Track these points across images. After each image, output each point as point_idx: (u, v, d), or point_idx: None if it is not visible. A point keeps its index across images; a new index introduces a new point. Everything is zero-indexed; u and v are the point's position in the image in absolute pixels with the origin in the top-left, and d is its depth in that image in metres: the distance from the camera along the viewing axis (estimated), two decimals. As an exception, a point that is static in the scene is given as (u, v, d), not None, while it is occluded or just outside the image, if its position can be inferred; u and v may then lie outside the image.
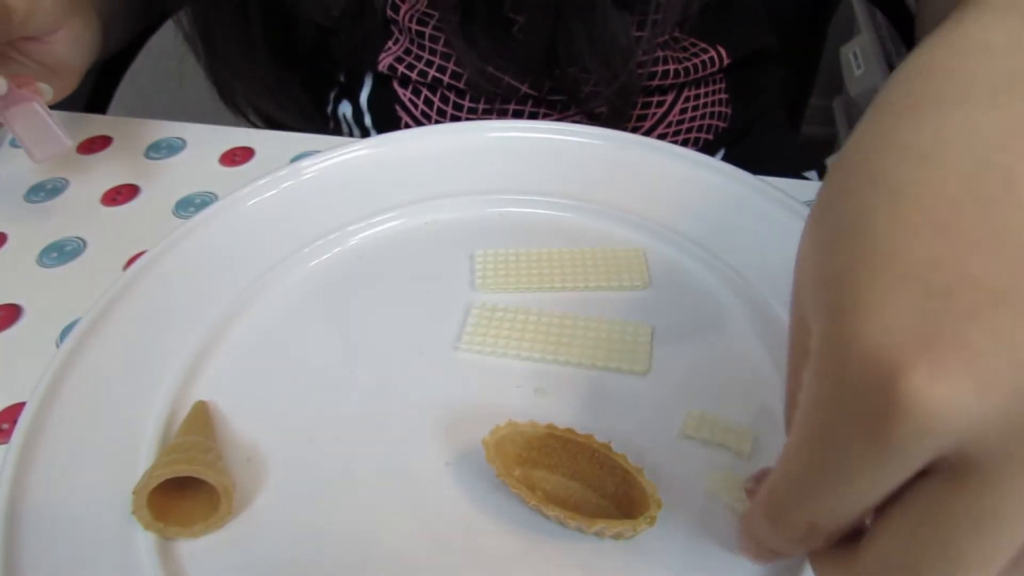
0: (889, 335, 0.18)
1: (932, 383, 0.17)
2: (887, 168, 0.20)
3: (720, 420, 0.33)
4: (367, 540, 0.30)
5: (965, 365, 0.17)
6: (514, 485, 0.29)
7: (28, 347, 0.39)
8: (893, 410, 0.18)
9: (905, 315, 0.18)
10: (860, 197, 0.20)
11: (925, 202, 0.19)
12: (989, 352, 0.17)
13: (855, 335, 0.18)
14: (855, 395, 0.18)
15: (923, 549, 0.19)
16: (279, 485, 0.32)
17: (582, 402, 0.34)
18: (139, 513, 0.29)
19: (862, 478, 0.19)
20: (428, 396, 0.35)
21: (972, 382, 0.17)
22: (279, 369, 0.36)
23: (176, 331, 0.37)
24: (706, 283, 0.39)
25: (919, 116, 0.21)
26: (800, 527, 0.22)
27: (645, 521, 0.28)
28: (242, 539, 0.30)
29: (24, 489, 0.30)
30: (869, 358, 0.18)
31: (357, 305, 0.39)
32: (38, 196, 0.49)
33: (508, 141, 0.47)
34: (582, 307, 0.39)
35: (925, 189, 0.19)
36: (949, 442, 0.18)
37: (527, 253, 0.41)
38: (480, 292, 0.39)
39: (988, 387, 0.17)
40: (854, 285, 0.19)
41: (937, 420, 0.17)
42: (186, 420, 0.33)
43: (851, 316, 0.19)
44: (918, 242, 0.19)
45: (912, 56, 0.23)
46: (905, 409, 0.17)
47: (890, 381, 0.18)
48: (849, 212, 0.20)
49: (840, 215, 0.21)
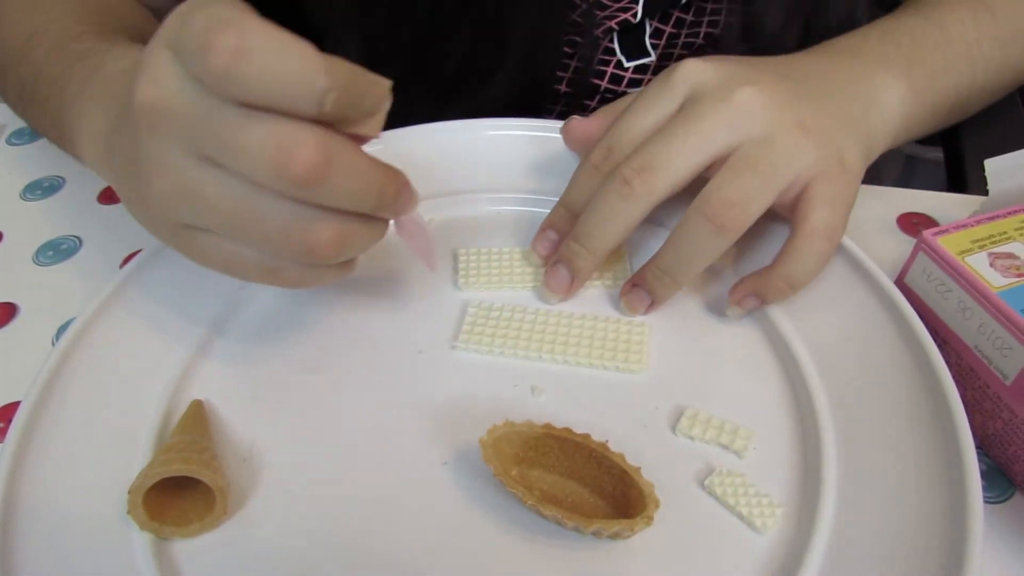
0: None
1: (688, 65, 0.36)
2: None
3: (717, 419, 0.33)
4: (363, 540, 0.30)
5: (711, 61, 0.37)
6: (511, 485, 0.29)
7: (23, 346, 0.39)
8: (669, 74, 0.37)
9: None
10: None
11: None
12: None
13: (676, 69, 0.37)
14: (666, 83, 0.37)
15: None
16: (275, 485, 0.32)
17: (579, 401, 0.34)
18: (135, 513, 0.29)
19: (656, 108, 0.36)
20: (425, 395, 0.35)
21: (706, 63, 0.36)
22: (275, 368, 0.36)
23: (172, 330, 0.37)
24: (701, 281, 0.39)
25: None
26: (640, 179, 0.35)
27: (642, 521, 0.28)
28: (238, 539, 0.30)
29: (19, 489, 0.30)
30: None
31: (354, 304, 0.39)
32: (34, 194, 0.49)
33: (506, 140, 0.47)
34: (578, 305, 0.39)
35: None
36: (691, 84, 0.36)
37: (510, 252, 0.41)
38: (463, 291, 0.39)
39: (711, 64, 0.36)
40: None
41: (689, 72, 0.36)
42: (182, 419, 0.33)
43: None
44: None
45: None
46: (681, 71, 0.36)
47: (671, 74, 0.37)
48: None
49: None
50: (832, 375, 0.34)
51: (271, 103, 0.24)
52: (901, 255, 0.36)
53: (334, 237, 0.28)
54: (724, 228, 0.33)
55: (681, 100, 0.36)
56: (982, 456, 0.33)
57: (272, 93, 0.24)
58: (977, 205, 0.40)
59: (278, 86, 0.24)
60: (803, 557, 0.28)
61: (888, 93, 0.41)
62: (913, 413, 0.31)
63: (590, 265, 0.37)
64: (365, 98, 0.26)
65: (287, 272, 0.30)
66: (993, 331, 0.31)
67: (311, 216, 0.27)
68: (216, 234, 0.29)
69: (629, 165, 0.34)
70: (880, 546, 0.28)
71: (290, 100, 0.24)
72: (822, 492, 0.30)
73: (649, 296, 0.37)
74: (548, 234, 0.40)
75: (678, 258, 0.35)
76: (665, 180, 0.34)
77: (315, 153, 0.25)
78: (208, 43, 0.23)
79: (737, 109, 0.34)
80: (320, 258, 0.28)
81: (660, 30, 0.52)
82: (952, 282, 0.32)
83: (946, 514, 0.28)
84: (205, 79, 0.24)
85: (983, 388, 0.32)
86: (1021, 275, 0.31)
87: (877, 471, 0.30)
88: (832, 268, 0.37)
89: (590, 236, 0.36)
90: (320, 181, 0.26)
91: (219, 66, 0.23)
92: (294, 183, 0.25)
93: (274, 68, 0.23)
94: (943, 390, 0.30)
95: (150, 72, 0.26)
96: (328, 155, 0.25)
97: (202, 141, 0.26)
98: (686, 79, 0.36)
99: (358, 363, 0.36)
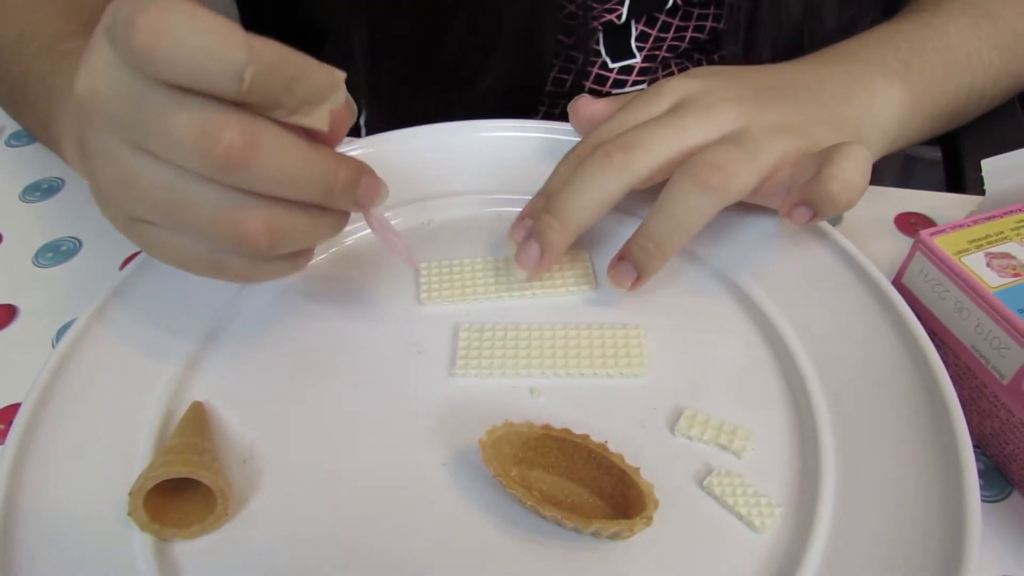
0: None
1: (678, 79, 0.39)
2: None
3: (716, 420, 0.33)
4: (363, 541, 0.30)
5: (699, 75, 0.40)
6: (511, 485, 0.29)
7: (23, 348, 0.39)
8: (659, 87, 0.38)
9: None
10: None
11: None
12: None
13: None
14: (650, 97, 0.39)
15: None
16: (275, 486, 0.32)
17: (578, 402, 0.34)
18: (135, 515, 0.29)
19: (643, 114, 0.38)
20: (424, 396, 0.35)
21: (695, 78, 0.39)
22: (276, 370, 0.36)
23: (172, 331, 0.37)
24: (696, 281, 0.39)
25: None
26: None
27: (642, 521, 0.28)
28: (238, 540, 0.30)
29: (19, 491, 0.30)
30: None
31: (354, 305, 0.39)
32: (33, 196, 0.49)
33: (504, 141, 0.47)
34: (567, 316, 0.38)
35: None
36: (679, 94, 0.38)
37: (471, 262, 0.40)
38: (425, 305, 0.39)
39: (699, 78, 0.39)
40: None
41: (678, 85, 0.39)
42: (182, 421, 0.33)
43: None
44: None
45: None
46: (670, 84, 0.39)
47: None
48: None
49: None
50: (830, 375, 0.34)
51: (191, 81, 0.24)
52: (899, 255, 0.37)
53: (263, 226, 0.27)
54: (709, 186, 0.33)
55: (667, 108, 0.38)
56: (980, 455, 0.33)
57: (190, 69, 0.24)
58: (974, 205, 0.40)
59: (196, 62, 0.24)
60: (802, 557, 0.28)
61: (885, 98, 0.42)
62: (911, 413, 0.31)
63: (561, 239, 0.36)
64: (298, 82, 0.26)
65: (231, 265, 0.30)
66: (990, 331, 0.31)
67: (239, 203, 0.27)
68: (161, 226, 0.29)
69: (612, 143, 0.35)
70: (878, 545, 0.28)
71: (208, 76, 0.24)
72: (821, 492, 0.30)
73: (635, 269, 0.37)
74: (525, 222, 0.39)
75: (664, 223, 0.35)
76: (644, 157, 0.35)
77: (238, 135, 0.25)
78: (130, 22, 0.23)
79: (719, 114, 0.36)
80: (252, 247, 0.28)
81: (646, 33, 0.53)
82: (949, 282, 0.33)
83: (944, 513, 0.28)
84: (129, 59, 0.24)
85: (980, 387, 0.32)
86: (1018, 275, 0.31)
87: (875, 471, 0.30)
88: (829, 267, 0.37)
89: (564, 207, 0.36)
90: (244, 164, 0.25)
91: (140, 44, 0.23)
92: (217, 166, 0.25)
93: (191, 44, 0.23)
94: (941, 390, 0.31)
95: (88, 62, 0.26)
96: (253, 138, 0.25)
97: (132, 128, 0.26)
98: (674, 90, 0.38)
99: (358, 365, 0.36)
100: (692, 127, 0.36)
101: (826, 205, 0.33)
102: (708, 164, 0.33)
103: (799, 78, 0.41)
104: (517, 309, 0.39)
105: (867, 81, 0.42)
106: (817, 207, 0.33)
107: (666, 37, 0.53)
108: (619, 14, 0.51)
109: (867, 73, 0.42)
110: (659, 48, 0.53)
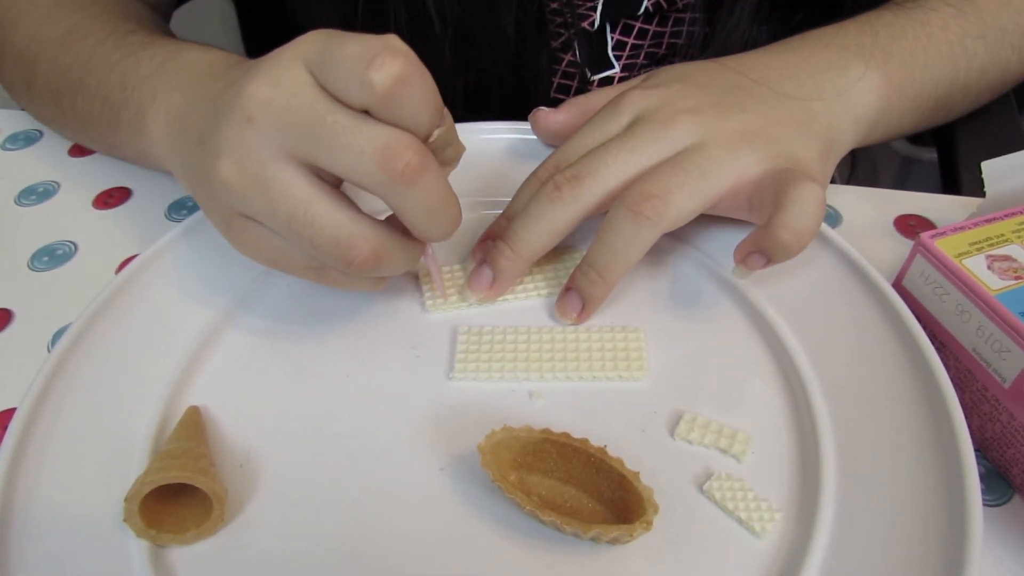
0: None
1: (635, 93, 0.39)
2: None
3: (716, 424, 0.33)
4: (361, 546, 0.30)
5: (656, 88, 0.39)
6: (509, 490, 0.29)
7: (19, 352, 0.39)
8: (617, 102, 0.39)
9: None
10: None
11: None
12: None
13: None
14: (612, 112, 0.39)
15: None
16: (272, 491, 0.32)
17: (577, 406, 0.34)
18: (131, 520, 0.29)
19: (601, 131, 0.39)
20: (422, 401, 0.35)
21: (652, 91, 0.39)
22: (272, 374, 0.36)
23: (168, 336, 0.37)
24: (696, 285, 0.39)
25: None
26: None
27: (641, 526, 0.28)
28: (235, 546, 0.30)
29: (14, 496, 0.30)
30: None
31: (351, 309, 0.39)
32: (29, 199, 0.49)
33: (504, 142, 0.47)
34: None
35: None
36: (637, 109, 0.38)
37: (462, 268, 0.40)
38: (430, 313, 0.39)
39: (657, 91, 0.39)
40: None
41: (636, 99, 0.39)
42: (178, 426, 0.33)
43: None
44: None
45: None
46: (628, 98, 0.39)
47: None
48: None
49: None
50: (830, 378, 0.34)
51: (403, 122, 0.29)
52: (898, 258, 0.36)
53: (372, 252, 0.31)
54: (642, 216, 0.34)
55: (626, 125, 0.38)
56: (981, 459, 0.32)
57: (412, 116, 0.29)
58: (974, 207, 0.40)
59: (420, 113, 0.29)
60: (802, 561, 0.28)
61: (862, 84, 0.41)
62: (912, 416, 0.31)
63: (513, 266, 0.37)
64: (452, 146, 0.32)
65: (329, 274, 0.34)
66: (991, 334, 0.31)
67: (359, 230, 0.31)
68: (268, 229, 0.32)
69: (563, 174, 0.36)
70: (879, 550, 0.28)
71: (416, 124, 0.29)
72: (821, 496, 0.30)
73: (580, 299, 0.37)
74: (487, 244, 0.40)
75: (603, 252, 0.36)
76: (592, 187, 0.36)
77: (418, 157, 0.29)
78: (376, 64, 0.27)
79: (674, 130, 0.36)
80: (356, 270, 0.31)
81: (623, 42, 0.52)
82: (950, 285, 0.32)
83: (945, 517, 0.28)
84: (366, 96, 0.28)
85: (981, 391, 0.32)
86: (1019, 277, 0.31)
87: (876, 475, 0.30)
88: (829, 270, 0.37)
89: (516, 236, 0.37)
90: (415, 182, 0.29)
91: (385, 86, 0.27)
92: (394, 178, 0.29)
93: (425, 98, 0.29)
94: (941, 393, 0.30)
95: (272, 74, 0.29)
96: (427, 162, 0.29)
97: (300, 138, 0.29)
98: (633, 105, 0.38)
99: (355, 369, 0.36)
100: (644, 148, 0.36)
101: (779, 253, 0.34)
102: (642, 194, 0.34)
103: (768, 73, 0.40)
104: (516, 312, 0.39)
105: (842, 66, 0.41)
106: (770, 255, 0.34)
107: (643, 44, 0.53)
108: (591, 20, 0.50)
109: (843, 58, 0.41)
110: (636, 56, 0.53)
